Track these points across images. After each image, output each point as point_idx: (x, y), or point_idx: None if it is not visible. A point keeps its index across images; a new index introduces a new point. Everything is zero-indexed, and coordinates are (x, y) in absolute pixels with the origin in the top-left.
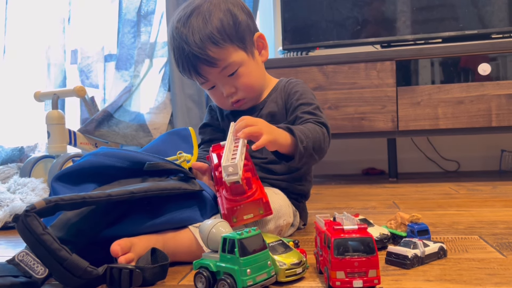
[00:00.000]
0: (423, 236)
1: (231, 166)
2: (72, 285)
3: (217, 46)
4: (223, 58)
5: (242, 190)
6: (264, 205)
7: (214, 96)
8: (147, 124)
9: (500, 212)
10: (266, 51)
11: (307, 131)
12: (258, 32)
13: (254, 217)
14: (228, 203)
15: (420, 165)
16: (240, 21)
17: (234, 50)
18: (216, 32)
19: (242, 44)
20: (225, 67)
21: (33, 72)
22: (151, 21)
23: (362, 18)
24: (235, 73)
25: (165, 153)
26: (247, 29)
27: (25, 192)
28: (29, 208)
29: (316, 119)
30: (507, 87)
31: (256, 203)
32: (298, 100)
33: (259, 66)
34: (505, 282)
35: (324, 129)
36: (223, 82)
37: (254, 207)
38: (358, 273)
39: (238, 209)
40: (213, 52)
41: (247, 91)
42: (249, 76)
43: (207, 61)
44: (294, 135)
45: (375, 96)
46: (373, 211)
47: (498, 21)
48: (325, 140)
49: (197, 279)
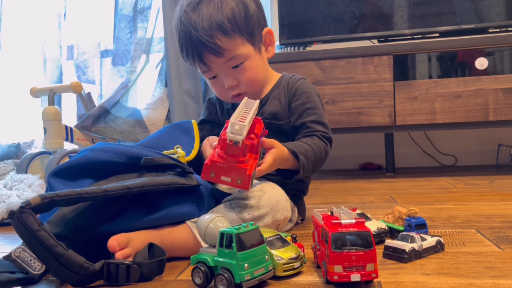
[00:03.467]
0: (421, 230)
1: (239, 125)
2: (69, 281)
3: (226, 36)
4: (230, 48)
5: (237, 153)
6: (245, 177)
7: (214, 86)
8: (144, 120)
9: (497, 206)
10: (273, 48)
11: (311, 153)
12: (267, 28)
13: (231, 182)
14: (215, 157)
15: (417, 159)
16: (251, 14)
17: (242, 43)
18: (226, 21)
19: (251, 37)
20: (231, 58)
21: (29, 68)
22: (148, 16)
23: (359, 12)
24: (239, 66)
25: (164, 147)
26: (257, 23)
27: (22, 188)
28: (25, 205)
29: (323, 134)
30: (504, 81)
31: (239, 171)
32: (304, 104)
33: (264, 62)
34: (502, 275)
35: (328, 146)
36: (226, 74)
37: (235, 174)
38: (355, 267)
39: (220, 166)
40: (221, 41)
41: (249, 86)
42: (253, 71)
43: (214, 50)
44: (299, 160)
45: (372, 91)
46: (370, 206)
47: (495, 15)
48: (326, 157)
49: (194, 274)
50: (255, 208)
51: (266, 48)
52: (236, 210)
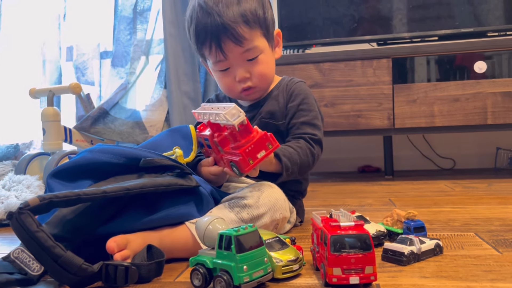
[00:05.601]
0: (419, 233)
1: (233, 109)
2: (68, 282)
3: (248, 26)
4: (250, 39)
5: (249, 129)
6: (271, 138)
7: (224, 79)
8: (143, 121)
9: (496, 209)
10: (280, 49)
11: (296, 156)
12: (278, 29)
13: (266, 153)
14: (239, 151)
15: (416, 162)
16: (269, 12)
17: (260, 36)
18: (249, 12)
19: (267, 33)
20: (249, 49)
21: (28, 69)
22: (147, 18)
23: (358, 15)
24: (255, 59)
25: (163, 149)
26: (272, 21)
27: (21, 189)
28: (23, 206)
29: (311, 136)
30: (503, 85)
31: (263, 139)
32: (299, 105)
33: (273, 60)
34: (501, 278)
35: (314, 149)
36: (240, 65)
37: (262, 144)
38: (354, 270)
39: (250, 150)
40: (243, 30)
41: (260, 80)
42: (266, 65)
43: (234, 37)
44: (281, 162)
45: (371, 94)
46: (369, 208)
47: (494, 19)
48: (314, 161)
49: (193, 275)
50: (254, 207)
51: (274, 48)
52: (235, 210)
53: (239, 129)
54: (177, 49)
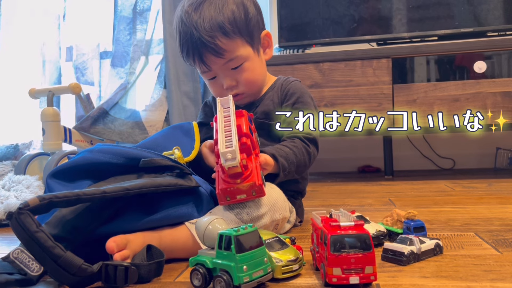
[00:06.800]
0: (419, 233)
1: (230, 152)
2: (67, 283)
3: (227, 37)
4: (231, 50)
5: (239, 173)
6: (257, 188)
7: (213, 87)
8: (143, 121)
9: (495, 209)
10: (271, 50)
11: (292, 155)
12: (266, 30)
13: (247, 197)
14: (223, 184)
15: (415, 162)
16: (251, 17)
17: (242, 44)
18: (227, 23)
19: (250, 39)
20: (231, 59)
21: (28, 69)
22: (147, 18)
23: (358, 15)
24: (239, 67)
25: (164, 148)
26: (256, 25)
27: (20, 189)
28: (23, 206)
29: (306, 135)
30: (503, 84)
31: (251, 187)
32: (294, 104)
33: (262, 63)
34: (501, 278)
35: (310, 148)
36: (225, 74)
37: (247, 189)
38: (354, 270)
39: (231, 190)
40: (222, 42)
41: (248, 87)
42: (252, 72)
43: (214, 50)
44: (278, 162)
45: (371, 94)
46: (369, 208)
47: (494, 19)
48: (310, 160)
49: (193, 276)
50: (253, 208)
51: (264, 50)
52: (235, 211)
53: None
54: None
